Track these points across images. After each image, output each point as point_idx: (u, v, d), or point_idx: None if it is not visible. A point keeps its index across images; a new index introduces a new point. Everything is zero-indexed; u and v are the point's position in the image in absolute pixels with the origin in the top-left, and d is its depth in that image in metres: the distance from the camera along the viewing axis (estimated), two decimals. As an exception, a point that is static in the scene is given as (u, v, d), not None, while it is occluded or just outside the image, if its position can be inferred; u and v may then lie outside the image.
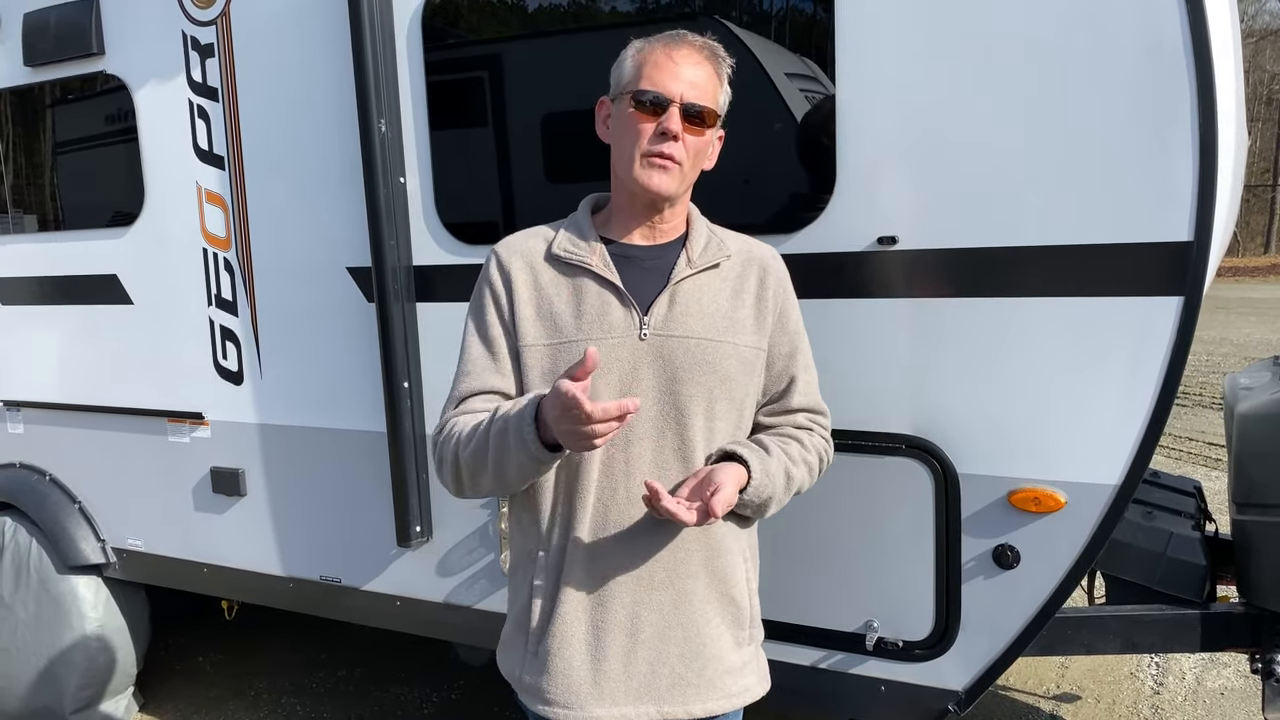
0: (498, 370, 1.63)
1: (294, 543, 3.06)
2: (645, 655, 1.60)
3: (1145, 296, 1.91)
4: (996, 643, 2.17)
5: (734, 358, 1.61)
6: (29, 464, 3.59)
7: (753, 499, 1.58)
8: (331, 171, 2.74)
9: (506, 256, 1.65)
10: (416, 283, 2.68)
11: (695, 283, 1.63)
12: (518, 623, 1.69)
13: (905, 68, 2.05)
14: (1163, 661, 4.01)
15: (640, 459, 1.58)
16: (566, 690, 1.60)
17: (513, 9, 2.47)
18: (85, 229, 3.28)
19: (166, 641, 4.31)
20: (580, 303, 1.60)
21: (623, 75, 1.60)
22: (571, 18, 2.40)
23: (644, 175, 1.56)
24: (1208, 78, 1.82)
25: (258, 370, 3.01)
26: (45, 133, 3.31)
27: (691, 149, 1.57)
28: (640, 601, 1.60)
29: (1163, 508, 2.91)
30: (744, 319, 1.64)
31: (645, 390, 1.58)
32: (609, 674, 1.59)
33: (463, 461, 1.57)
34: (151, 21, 2.98)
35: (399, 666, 4.21)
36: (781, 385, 1.72)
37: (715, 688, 1.63)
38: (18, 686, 3.57)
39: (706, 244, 1.66)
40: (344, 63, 2.62)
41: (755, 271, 1.68)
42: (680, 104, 1.54)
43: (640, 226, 1.65)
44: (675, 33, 1.59)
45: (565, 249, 1.63)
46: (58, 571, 3.47)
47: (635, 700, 1.60)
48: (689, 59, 1.56)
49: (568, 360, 1.57)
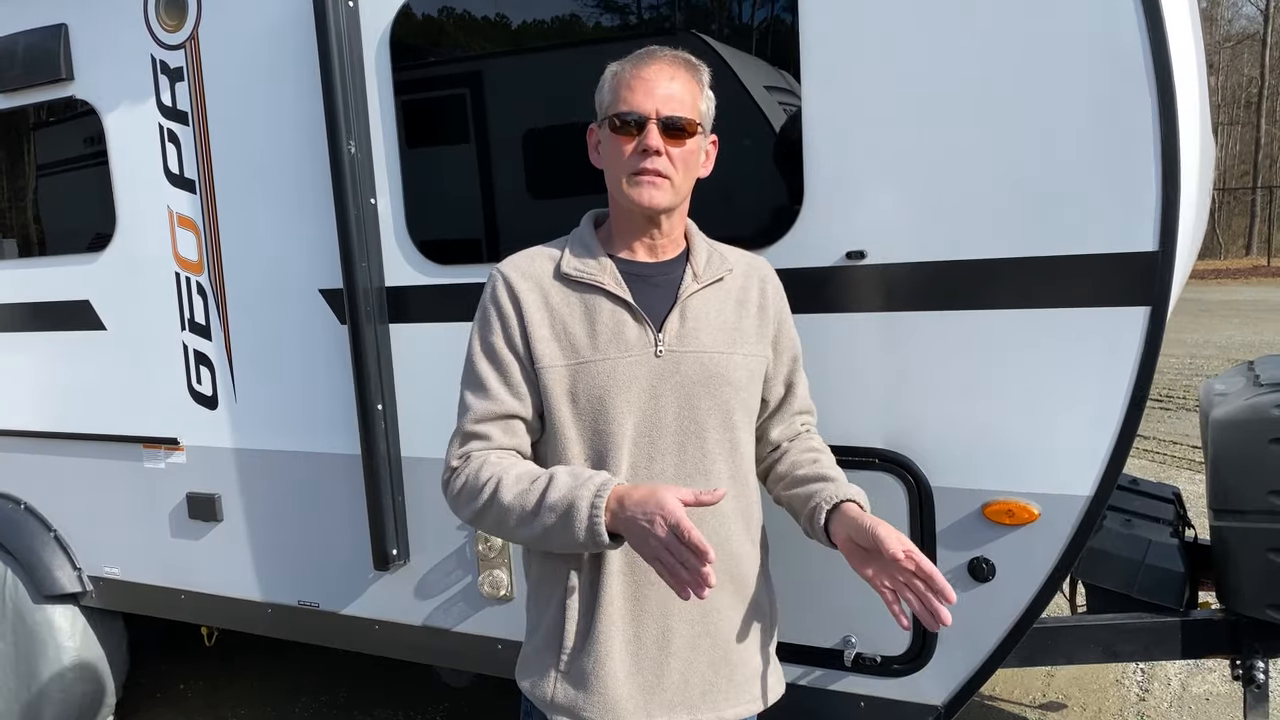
0: (512, 393, 1.62)
1: (272, 568, 3.04)
2: (677, 666, 1.63)
3: (1112, 307, 1.92)
4: (974, 656, 2.17)
5: (743, 369, 1.66)
6: (3, 493, 3.54)
7: None
8: (302, 193, 2.73)
9: (513, 278, 1.65)
10: (389, 304, 2.67)
11: (702, 298, 1.66)
12: (547, 643, 1.68)
13: (871, 82, 2.06)
14: (1148, 668, 4.01)
15: (663, 475, 1.61)
16: (604, 706, 1.62)
17: (483, 27, 2.47)
18: (57, 254, 3.26)
19: (146, 669, 4.26)
20: (595, 322, 1.62)
21: (603, 100, 1.63)
22: (545, 34, 2.40)
23: (635, 193, 1.58)
24: (1168, 90, 1.83)
25: (232, 394, 2.98)
26: (15, 158, 3.29)
27: (678, 160, 1.59)
28: (670, 614, 1.63)
29: (1142, 515, 2.91)
30: (748, 330, 1.69)
31: (664, 406, 1.61)
32: (645, 687, 1.63)
33: (498, 509, 1.55)
34: (120, 46, 2.97)
35: (381, 691, 4.18)
36: (783, 391, 1.79)
37: (745, 691, 1.68)
38: (2, 715, 3.55)
39: (709, 259, 1.70)
40: (313, 84, 2.61)
41: (756, 283, 1.73)
42: (657, 119, 1.55)
43: (641, 242, 1.67)
44: (647, 50, 1.61)
45: (575, 268, 1.64)
46: (33, 601, 3.43)
47: (669, 711, 1.64)
48: (662, 74, 1.57)
49: (587, 380, 1.59)
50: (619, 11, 2.31)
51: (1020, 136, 1.95)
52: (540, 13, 2.37)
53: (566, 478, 1.52)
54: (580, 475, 1.52)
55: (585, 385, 1.59)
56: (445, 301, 2.60)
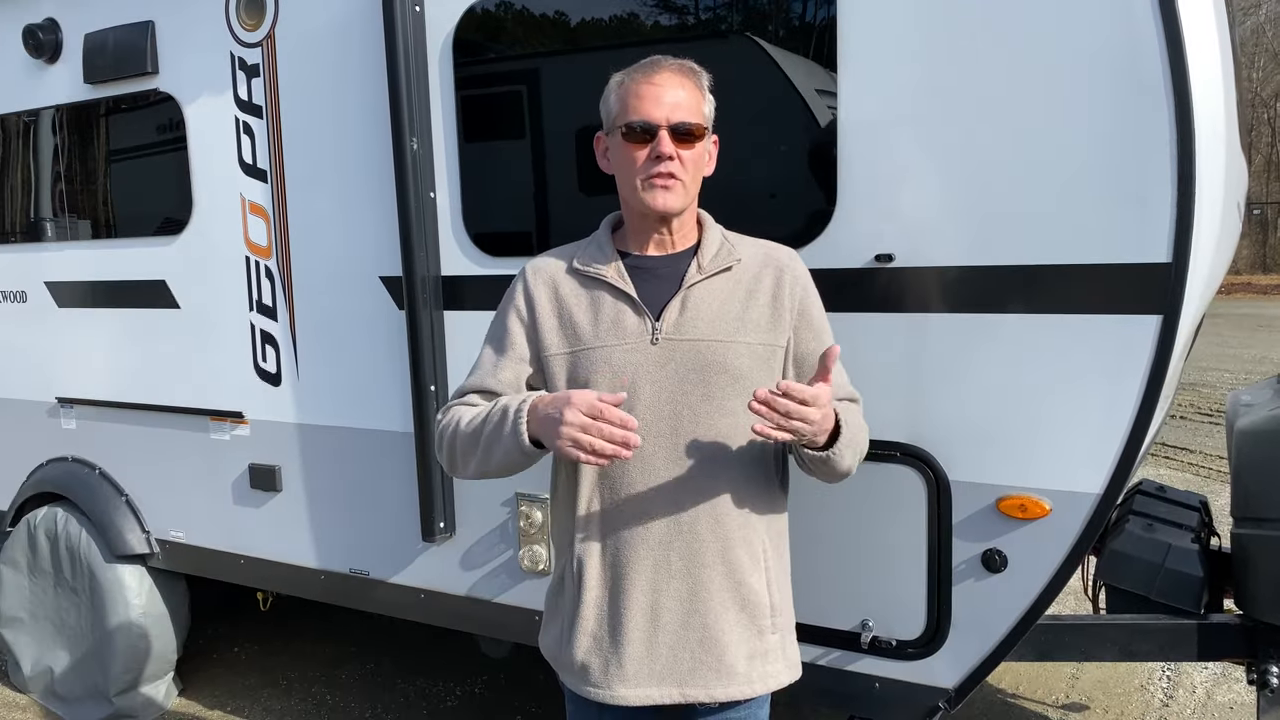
0: (496, 375, 1.80)
1: (326, 536, 3.23)
2: (666, 640, 1.73)
3: (1125, 315, 2.01)
4: (985, 643, 2.27)
5: (746, 355, 1.72)
6: (80, 458, 3.78)
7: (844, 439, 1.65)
8: (366, 185, 2.91)
9: (531, 276, 1.82)
10: (444, 292, 2.84)
11: (706, 287, 1.74)
12: (553, 605, 1.87)
13: (903, 92, 2.17)
14: (1173, 674, 4.05)
15: (655, 458, 1.71)
16: (594, 669, 1.76)
17: (544, 25, 2.62)
18: (136, 237, 3.48)
19: (205, 631, 4.49)
20: (598, 312, 1.75)
21: (610, 110, 1.74)
22: (601, 34, 2.54)
23: (649, 197, 1.69)
24: (1185, 103, 1.91)
25: (295, 372, 3.17)
26: (101, 146, 3.51)
27: (689, 163, 1.70)
28: (659, 589, 1.73)
29: (1165, 520, 2.96)
30: (757, 318, 1.75)
31: (659, 391, 1.71)
32: (632, 656, 1.73)
33: (458, 442, 1.74)
34: (202, 42, 3.17)
35: (424, 659, 4.36)
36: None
37: (735, 674, 1.74)
38: (74, 664, 3.79)
39: (718, 250, 1.77)
40: (379, 83, 2.78)
41: (771, 272, 1.78)
42: (668, 126, 1.66)
43: (653, 239, 1.78)
44: (650, 60, 1.72)
45: (584, 264, 1.78)
46: (105, 560, 3.66)
47: (658, 682, 1.74)
48: (669, 82, 1.68)
49: (586, 366, 1.73)
50: (675, 12, 2.44)
51: (1042, 146, 2.05)
52: (599, 12, 2.51)
53: (505, 401, 1.69)
54: (515, 397, 1.69)
55: (583, 370, 1.73)
56: (496, 291, 2.73)
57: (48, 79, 3.56)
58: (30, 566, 3.90)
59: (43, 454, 3.88)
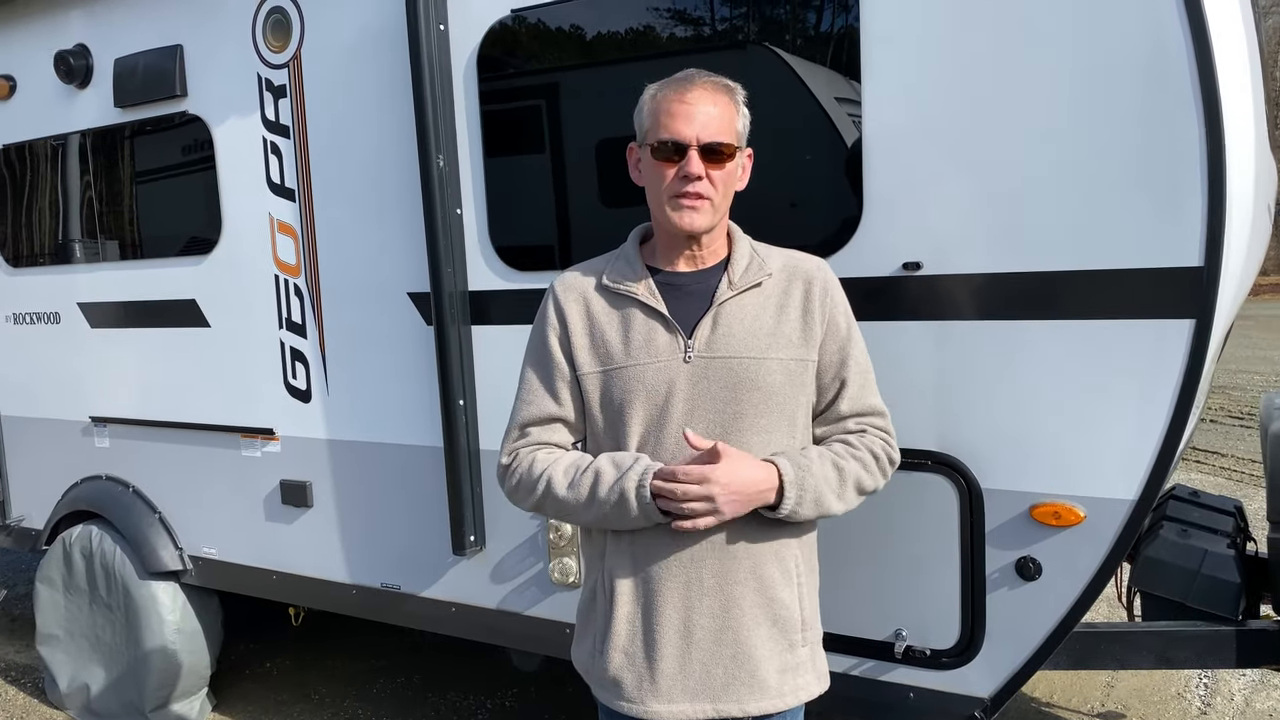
0: (554, 399, 1.80)
1: (357, 551, 3.25)
2: (699, 656, 1.73)
3: (1158, 319, 2.00)
4: (1020, 651, 2.25)
5: (779, 372, 1.71)
6: (114, 476, 3.83)
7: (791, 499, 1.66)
8: (393, 203, 2.94)
9: (562, 293, 1.81)
10: (471, 307, 2.86)
11: (738, 303, 1.73)
12: (585, 620, 1.87)
13: (929, 99, 2.17)
14: (1210, 682, 4.00)
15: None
16: (628, 685, 1.76)
17: (567, 41, 2.64)
18: (166, 257, 3.53)
19: (238, 647, 4.53)
20: (629, 331, 1.74)
21: (643, 123, 1.72)
22: (622, 46, 2.55)
23: (676, 216, 1.69)
24: (1214, 107, 1.90)
25: (325, 389, 3.20)
26: (132, 168, 3.57)
27: (718, 182, 1.68)
28: (691, 606, 1.72)
29: (1200, 526, 2.94)
30: (789, 333, 1.73)
31: (695, 409, 1.70)
32: (665, 673, 1.73)
33: (554, 502, 1.75)
34: (230, 65, 3.22)
35: (455, 674, 4.38)
36: (831, 394, 1.80)
37: (768, 688, 1.74)
38: (110, 680, 3.84)
39: (748, 265, 1.76)
40: (405, 102, 2.81)
41: (800, 285, 1.76)
42: (698, 146, 1.64)
43: (682, 255, 1.77)
44: (685, 74, 1.70)
45: (614, 281, 1.77)
46: (139, 577, 3.70)
47: (692, 698, 1.73)
48: (701, 99, 1.66)
49: (619, 385, 1.73)
50: (692, 24, 2.45)
51: (1071, 153, 2.04)
52: (623, 25, 2.52)
53: (609, 469, 1.70)
54: (621, 464, 1.69)
55: (617, 389, 1.73)
56: (522, 305, 2.77)
57: (79, 104, 3.62)
58: (66, 584, 3.95)
59: (77, 473, 3.93)
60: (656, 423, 1.72)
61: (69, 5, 3.57)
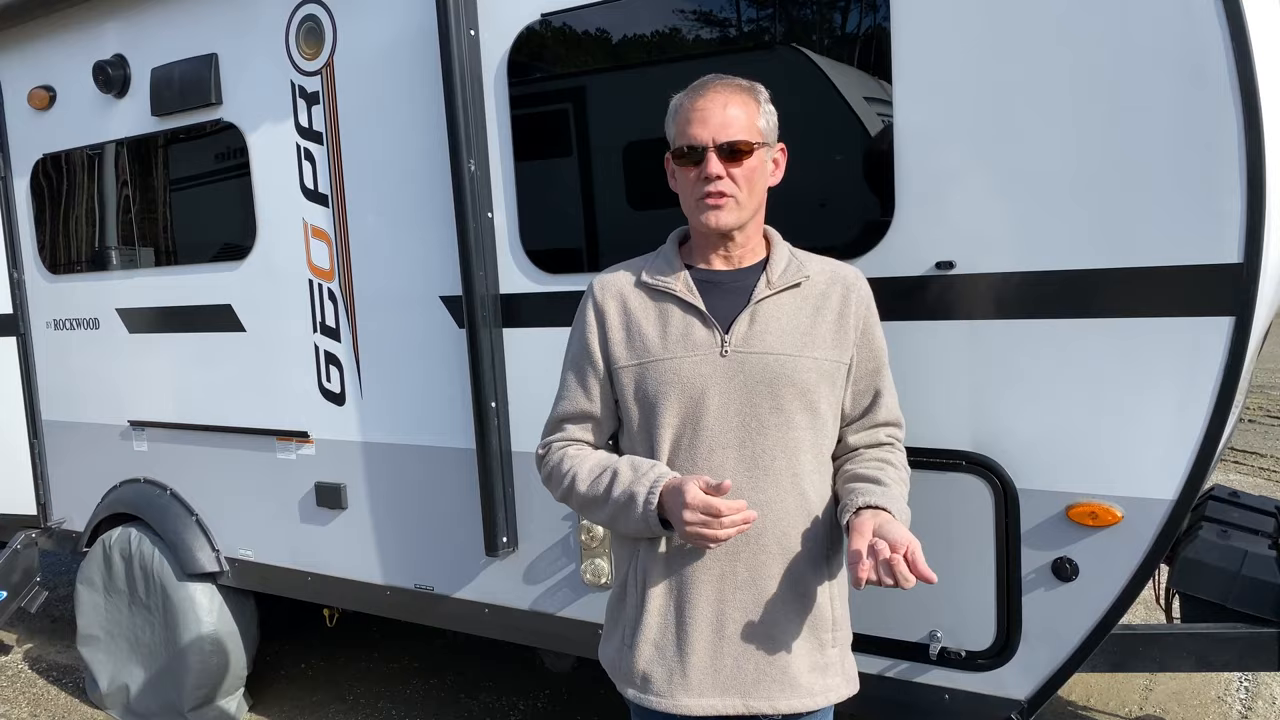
0: (587, 396, 1.85)
1: (391, 553, 3.28)
2: (731, 651, 1.74)
3: (1196, 317, 1.97)
4: (1057, 653, 2.23)
5: (813, 371, 1.74)
6: (152, 479, 3.89)
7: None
8: (425, 207, 2.96)
9: (600, 291, 1.85)
10: (503, 310, 2.87)
11: (775, 302, 1.76)
12: (615, 615, 1.89)
13: (960, 98, 2.16)
14: (1251, 685, 3.94)
15: (722, 467, 1.73)
16: (657, 679, 1.77)
17: (594, 43, 2.65)
18: (202, 263, 3.58)
19: (273, 648, 4.58)
20: (666, 325, 1.77)
21: (670, 132, 1.78)
22: (649, 49, 2.56)
23: (704, 216, 1.73)
24: (1253, 103, 1.88)
25: (358, 392, 3.23)
26: (168, 176, 3.62)
27: (741, 179, 1.71)
28: (725, 600, 1.74)
29: (1239, 527, 2.89)
30: (823, 334, 1.76)
31: (729, 402, 1.73)
32: (696, 666, 1.75)
33: (577, 498, 1.82)
34: (264, 72, 3.26)
35: (488, 675, 4.40)
36: (868, 400, 1.84)
37: (799, 686, 1.75)
38: (149, 680, 3.90)
39: (786, 266, 1.79)
40: (436, 107, 2.84)
41: (839, 290, 1.80)
42: (714, 147, 1.68)
43: (718, 254, 1.80)
44: (702, 81, 1.75)
45: (653, 277, 1.81)
46: (177, 579, 3.75)
47: (722, 693, 1.75)
48: (715, 101, 1.70)
49: (654, 378, 1.75)
50: (719, 25, 2.46)
51: (1107, 149, 2.02)
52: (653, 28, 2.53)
53: (627, 471, 1.74)
54: (639, 469, 1.73)
55: (652, 382, 1.76)
56: (554, 308, 2.78)
57: (117, 113, 3.68)
58: (106, 585, 4.01)
59: (116, 476, 4.00)
60: (691, 417, 1.74)
61: (106, 16, 3.63)
